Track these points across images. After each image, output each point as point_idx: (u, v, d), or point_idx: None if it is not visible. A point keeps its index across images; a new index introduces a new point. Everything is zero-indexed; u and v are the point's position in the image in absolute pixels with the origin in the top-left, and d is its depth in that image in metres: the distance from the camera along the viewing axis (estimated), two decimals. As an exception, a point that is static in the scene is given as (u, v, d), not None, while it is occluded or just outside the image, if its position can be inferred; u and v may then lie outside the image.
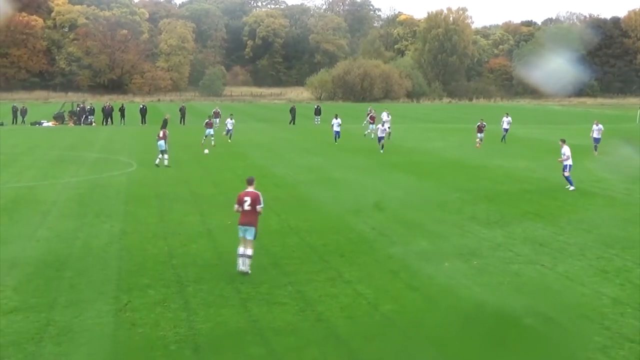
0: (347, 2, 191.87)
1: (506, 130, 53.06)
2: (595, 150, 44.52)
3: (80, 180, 31.95)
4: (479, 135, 48.86)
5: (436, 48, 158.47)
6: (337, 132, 49.94)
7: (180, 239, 20.05)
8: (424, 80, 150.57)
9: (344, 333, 12.96)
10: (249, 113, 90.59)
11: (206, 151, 42.47)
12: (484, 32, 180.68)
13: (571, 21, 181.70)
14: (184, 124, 70.56)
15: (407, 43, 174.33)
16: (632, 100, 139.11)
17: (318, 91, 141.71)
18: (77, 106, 74.93)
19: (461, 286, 15.73)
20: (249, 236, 16.39)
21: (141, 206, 25.51)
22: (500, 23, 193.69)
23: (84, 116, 71.36)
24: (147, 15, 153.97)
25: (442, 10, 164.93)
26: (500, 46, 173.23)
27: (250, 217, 16.41)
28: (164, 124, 39.63)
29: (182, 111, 72.47)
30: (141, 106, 74.78)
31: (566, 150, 30.39)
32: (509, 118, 54.18)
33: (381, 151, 43.22)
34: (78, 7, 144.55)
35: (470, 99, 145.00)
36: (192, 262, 17.62)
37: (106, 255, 18.22)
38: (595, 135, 45.80)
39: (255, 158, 41.43)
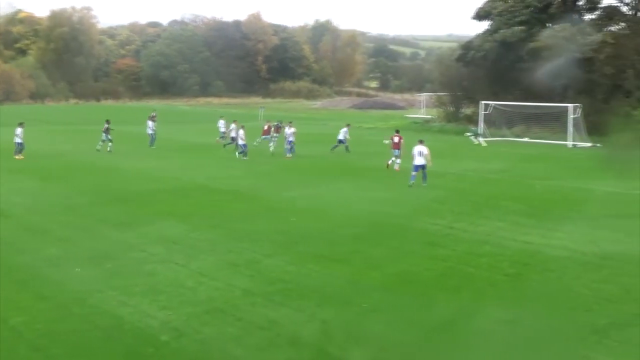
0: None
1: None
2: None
3: None
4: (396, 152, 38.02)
5: (61, 48, 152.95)
6: (151, 135, 49.78)
7: None
8: (49, 81, 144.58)
9: (-35, 354, 11.88)
10: None
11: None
12: (110, 33, 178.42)
13: (196, 23, 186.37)
14: None
15: (28, 42, 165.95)
16: (255, 100, 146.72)
17: None
18: None
19: (94, 291, 15.24)
20: None
21: None
22: (126, 23, 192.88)
23: None
24: None
25: (66, 9, 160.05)
26: (127, 47, 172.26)
27: None
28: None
29: None
30: None
31: None
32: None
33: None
34: None
35: (98, 100, 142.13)
36: None
37: None
38: (222, 129, 54.43)
39: None
